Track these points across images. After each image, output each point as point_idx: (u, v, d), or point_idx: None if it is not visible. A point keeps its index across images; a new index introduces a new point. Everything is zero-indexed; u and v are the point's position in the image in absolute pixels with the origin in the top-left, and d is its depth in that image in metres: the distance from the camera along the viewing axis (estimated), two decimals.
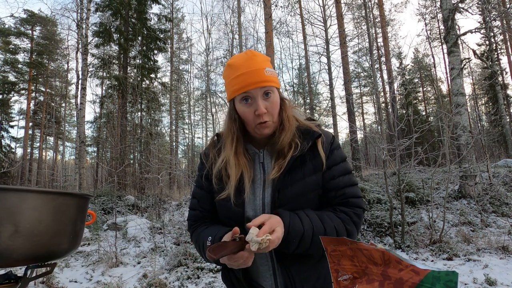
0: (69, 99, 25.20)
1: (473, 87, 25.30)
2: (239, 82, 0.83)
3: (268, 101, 0.85)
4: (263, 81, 0.83)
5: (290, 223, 0.79)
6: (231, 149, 0.89)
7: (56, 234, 0.73)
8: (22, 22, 20.94)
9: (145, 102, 15.71)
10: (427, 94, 25.10)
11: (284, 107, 0.91)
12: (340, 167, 0.91)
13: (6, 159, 16.92)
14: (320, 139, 0.90)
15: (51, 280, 3.68)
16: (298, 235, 0.79)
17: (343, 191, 0.88)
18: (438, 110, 19.71)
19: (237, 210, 0.87)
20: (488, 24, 9.86)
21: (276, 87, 0.87)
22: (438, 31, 22.40)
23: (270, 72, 0.85)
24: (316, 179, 0.87)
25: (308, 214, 0.83)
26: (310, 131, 0.90)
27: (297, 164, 0.87)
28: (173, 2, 17.61)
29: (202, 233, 0.92)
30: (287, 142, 0.87)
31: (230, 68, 0.87)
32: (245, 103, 0.85)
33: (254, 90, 0.83)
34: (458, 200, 6.16)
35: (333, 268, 0.73)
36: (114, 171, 7.21)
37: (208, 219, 0.99)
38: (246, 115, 0.86)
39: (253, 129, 0.89)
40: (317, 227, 0.81)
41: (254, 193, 0.89)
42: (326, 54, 15.62)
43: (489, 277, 3.30)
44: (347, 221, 0.85)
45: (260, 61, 0.85)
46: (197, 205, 0.99)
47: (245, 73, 0.83)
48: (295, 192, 0.85)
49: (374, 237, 4.98)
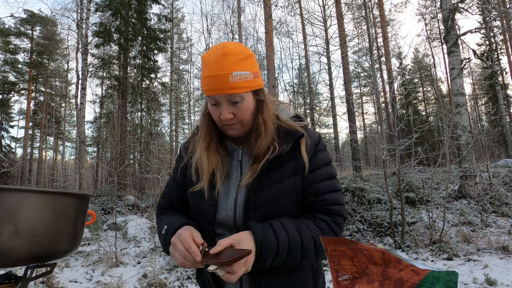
0: (69, 99, 25.23)
1: (473, 87, 25.31)
2: (205, 84, 0.79)
3: (236, 107, 0.80)
4: (225, 89, 0.76)
5: (263, 240, 0.73)
6: (203, 144, 0.87)
7: (56, 234, 0.73)
8: (22, 22, 20.94)
9: (145, 102, 15.72)
10: (427, 94, 25.10)
11: (261, 109, 0.83)
12: (323, 171, 0.85)
13: (6, 159, 16.92)
14: (303, 140, 0.84)
15: (51, 280, 3.68)
16: (272, 251, 0.73)
17: (324, 197, 0.82)
18: (438, 110, 19.73)
19: (209, 209, 0.83)
20: (488, 24, 9.86)
21: (247, 91, 0.80)
22: (438, 31, 22.41)
23: (239, 77, 0.77)
24: (295, 182, 0.81)
25: (284, 224, 0.77)
26: (293, 131, 0.84)
27: (276, 165, 0.81)
28: (173, 2, 17.62)
29: (163, 221, 0.89)
30: (263, 148, 0.82)
31: (203, 64, 0.81)
32: (212, 105, 0.82)
33: (218, 96, 0.78)
34: (458, 200, 6.16)
35: (333, 268, 0.73)
36: (114, 171, 7.22)
37: (174, 209, 0.97)
38: (213, 116, 0.83)
39: (221, 128, 0.86)
40: (294, 239, 0.75)
41: (228, 192, 0.84)
42: (326, 54, 15.63)
43: (489, 277, 3.30)
44: (327, 231, 0.80)
45: (229, 64, 0.76)
46: (167, 195, 0.98)
47: (209, 76, 0.77)
48: (271, 195, 0.79)
49: (374, 237, 4.98)
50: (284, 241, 0.74)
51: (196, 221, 0.87)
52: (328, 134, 23.34)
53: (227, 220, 0.82)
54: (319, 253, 0.79)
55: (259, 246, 0.72)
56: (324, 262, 4.08)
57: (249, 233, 0.75)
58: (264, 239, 0.73)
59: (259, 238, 0.73)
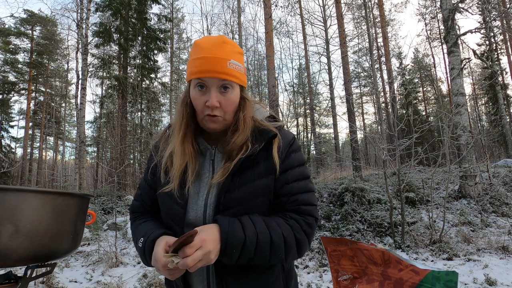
0: (69, 99, 25.23)
1: (473, 87, 25.31)
2: (197, 66, 0.75)
3: (224, 96, 0.77)
4: (221, 73, 0.75)
5: (229, 231, 0.70)
6: (178, 136, 0.82)
7: (56, 234, 0.73)
8: (22, 22, 20.95)
9: (145, 102, 15.73)
10: (427, 94, 25.10)
11: (243, 106, 0.83)
12: (296, 172, 0.83)
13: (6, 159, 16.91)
14: (276, 140, 0.83)
15: (51, 280, 3.67)
16: (238, 244, 0.70)
17: (296, 197, 0.81)
18: (438, 110, 19.73)
19: (178, 211, 0.80)
20: (488, 24, 9.86)
21: (238, 83, 0.80)
22: (438, 31, 22.41)
23: (235, 66, 0.77)
24: (267, 182, 0.80)
25: (253, 219, 0.75)
26: (266, 131, 0.82)
27: (248, 165, 0.79)
28: (173, 2, 17.63)
29: (138, 228, 0.86)
30: (238, 145, 0.80)
31: (195, 47, 0.78)
32: (199, 90, 0.77)
33: (210, 80, 0.75)
34: (458, 200, 6.16)
35: (333, 268, 0.73)
36: (114, 171, 7.21)
37: (148, 213, 0.93)
38: (197, 102, 0.79)
39: (201, 120, 0.82)
40: (262, 234, 0.72)
41: (198, 192, 0.82)
42: (326, 54, 15.64)
43: (489, 277, 3.30)
44: (297, 229, 0.78)
45: (227, 51, 0.76)
46: (140, 197, 0.94)
47: (205, 57, 0.75)
48: (242, 195, 0.77)
49: (374, 237, 4.98)
50: (252, 235, 0.71)
51: (165, 223, 0.85)
52: (328, 134, 23.32)
53: (196, 221, 0.80)
54: (289, 252, 0.76)
55: (224, 237, 0.70)
56: (324, 262, 4.07)
57: (215, 225, 0.73)
58: (230, 231, 0.71)
59: (224, 229, 0.71)
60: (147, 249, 0.77)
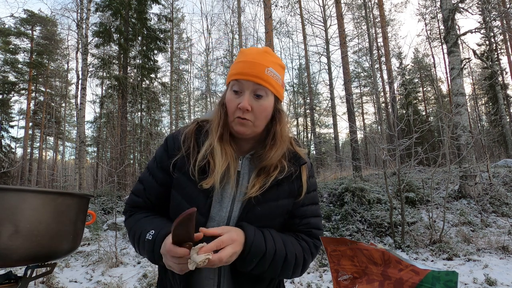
0: (69, 99, 25.23)
1: (473, 87, 25.31)
2: (237, 68, 0.79)
3: (257, 102, 0.78)
4: (257, 77, 0.76)
5: (254, 241, 0.71)
6: (216, 134, 0.80)
7: (56, 234, 0.73)
8: (22, 22, 20.95)
9: (145, 102, 15.73)
10: (427, 94, 25.10)
11: (279, 119, 0.83)
12: (311, 196, 0.87)
13: (6, 159, 16.91)
14: (304, 167, 0.86)
15: (51, 280, 3.67)
16: (259, 255, 0.72)
17: (308, 220, 0.85)
18: (438, 110, 19.73)
19: (199, 219, 0.75)
20: (488, 24, 9.87)
21: (273, 92, 0.80)
22: (438, 31, 22.41)
23: (272, 74, 0.79)
24: (287, 204, 0.82)
25: (273, 234, 0.77)
26: (297, 157, 0.85)
27: (273, 185, 0.80)
28: (173, 2, 17.62)
29: (142, 222, 0.81)
30: (276, 160, 0.80)
31: (240, 54, 0.83)
32: (234, 93, 0.79)
33: (246, 82, 0.77)
34: (458, 200, 6.16)
35: (333, 268, 0.73)
36: (114, 171, 7.21)
37: (150, 209, 0.87)
38: (229, 104, 0.79)
39: (231, 122, 0.81)
40: (280, 250, 0.75)
41: (221, 202, 0.80)
42: (326, 54, 15.65)
43: (489, 277, 3.30)
44: (307, 250, 0.82)
45: (268, 60, 0.79)
46: (143, 193, 0.86)
47: (246, 61, 0.78)
48: (264, 213, 0.79)
49: (374, 237, 4.98)
50: (271, 249, 0.74)
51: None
52: (328, 134, 23.32)
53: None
54: (296, 270, 0.80)
55: (249, 244, 0.71)
56: (324, 262, 4.07)
57: (240, 230, 0.73)
58: (255, 241, 0.72)
59: (250, 237, 0.72)
60: (158, 241, 0.72)
